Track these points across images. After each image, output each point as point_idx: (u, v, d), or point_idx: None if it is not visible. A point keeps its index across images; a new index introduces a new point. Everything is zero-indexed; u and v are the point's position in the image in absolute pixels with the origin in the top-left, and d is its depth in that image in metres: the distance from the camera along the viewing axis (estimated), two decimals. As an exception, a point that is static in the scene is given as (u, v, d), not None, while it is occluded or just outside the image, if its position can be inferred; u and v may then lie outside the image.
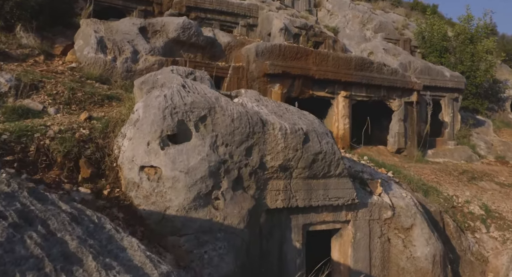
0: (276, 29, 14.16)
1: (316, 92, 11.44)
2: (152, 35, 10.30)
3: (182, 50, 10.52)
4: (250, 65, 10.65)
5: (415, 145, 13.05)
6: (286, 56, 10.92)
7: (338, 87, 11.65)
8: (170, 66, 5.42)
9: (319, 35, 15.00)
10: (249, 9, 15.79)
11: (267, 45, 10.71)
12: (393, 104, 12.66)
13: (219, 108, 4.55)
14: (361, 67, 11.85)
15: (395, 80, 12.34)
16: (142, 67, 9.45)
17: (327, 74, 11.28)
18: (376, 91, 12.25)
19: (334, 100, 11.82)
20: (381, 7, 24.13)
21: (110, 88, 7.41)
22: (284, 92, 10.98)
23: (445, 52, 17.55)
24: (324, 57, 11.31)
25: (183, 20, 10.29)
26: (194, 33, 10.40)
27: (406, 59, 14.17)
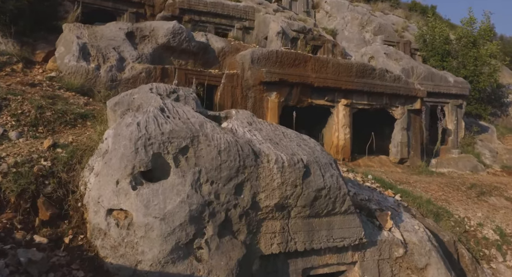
0: (273, 33, 13.35)
1: (315, 100, 10.65)
2: (140, 41, 9.49)
3: (172, 57, 9.71)
4: (245, 72, 9.85)
5: (418, 154, 12.28)
6: (284, 63, 10.13)
7: (338, 95, 10.87)
8: (149, 84, 4.61)
9: (317, 38, 14.20)
10: (245, 12, 14.97)
11: (263, 52, 9.90)
12: (395, 112, 11.88)
13: (204, 138, 3.76)
14: (362, 74, 11.06)
15: (398, 87, 11.56)
16: (128, 75, 8.63)
17: (327, 82, 10.48)
18: (378, 98, 11.46)
19: (334, 108, 11.03)
20: (380, 9, 23.33)
21: (88, 103, 6.59)
22: (281, 101, 10.19)
23: (447, 56, 16.78)
24: (324, 63, 10.52)
25: (173, 25, 9.47)
26: (185, 39, 9.59)
27: (408, 64, 13.39)
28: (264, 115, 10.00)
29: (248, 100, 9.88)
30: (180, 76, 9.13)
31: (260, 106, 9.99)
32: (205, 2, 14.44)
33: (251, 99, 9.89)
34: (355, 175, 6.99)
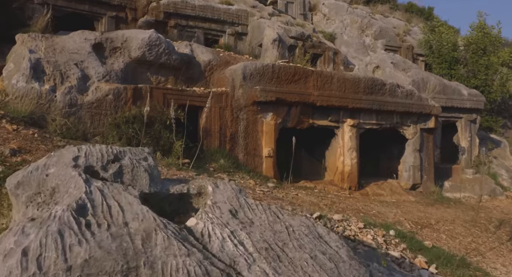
0: (268, 40, 11.61)
1: (317, 121, 8.93)
2: (110, 54, 7.70)
3: (149, 73, 7.93)
4: (236, 90, 8.09)
5: (432, 179, 10.60)
6: (281, 79, 8.38)
7: (344, 114, 9.14)
8: (75, 149, 2.84)
9: (317, 46, 12.47)
10: (237, 16, 13.20)
11: (257, 66, 8.15)
12: (407, 132, 10.18)
13: (147, 270, 2.02)
14: (371, 89, 9.34)
15: (411, 104, 9.85)
16: (92, 98, 6.85)
17: (331, 100, 8.76)
18: (388, 117, 9.75)
19: (338, 129, 9.31)
20: (380, 11, 21.57)
21: (21, 149, 4.81)
22: (278, 123, 8.46)
23: (455, 64, 15.09)
24: (328, 79, 8.78)
25: (150, 35, 7.68)
26: (164, 51, 7.81)
27: (418, 75, 11.70)
28: (259, 140, 8.27)
29: (239, 123, 8.14)
30: (157, 97, 7.36)
31: (253, 129, 8.25)
32: (193, 5, 12.65)
33: (243, 121, 8.15)
34: (375, 233, 5.32)
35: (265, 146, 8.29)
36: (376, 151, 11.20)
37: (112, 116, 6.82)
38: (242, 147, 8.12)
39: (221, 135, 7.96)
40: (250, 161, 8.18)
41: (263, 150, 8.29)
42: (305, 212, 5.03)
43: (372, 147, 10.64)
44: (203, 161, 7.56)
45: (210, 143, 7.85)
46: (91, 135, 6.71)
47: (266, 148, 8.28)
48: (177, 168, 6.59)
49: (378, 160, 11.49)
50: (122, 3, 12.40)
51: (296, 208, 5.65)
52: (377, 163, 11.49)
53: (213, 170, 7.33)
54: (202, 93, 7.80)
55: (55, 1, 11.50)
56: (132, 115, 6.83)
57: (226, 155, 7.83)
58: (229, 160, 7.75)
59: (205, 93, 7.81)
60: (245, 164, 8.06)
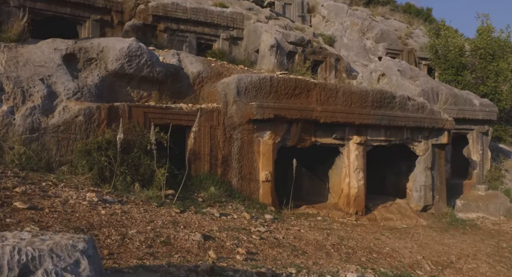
0: (265, 47, 10.49)
1: (320, 138, 7.83)
2: (84, 66, 6.56)
3: (129, 87, 6.80)
4: (229, 107, 6.98)
5: (444, 198, 9.53)
6: (280, 94, 7.27)
7: (349, 131, 8.05)
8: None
9: (318, 52, 11.36)
10: (232, 19, 12.07)
11: (253, 79, 7.03)
12: (417, 148, 9.09)
13: None
14: (379, 103, 8.25)
15: (423, 118, 8.76)
16: (58, 121, 5.72)
17: (335, 116, 7.66)
18: (397, 133, 8.67)
19: (344, 147, 8.22)
20: (381, 13, 20.47)
21: None
22: (276, 142, 7.36)
23: (462, 69, 14.02)
24: (332, 92, 7.68)
25: (129, 45, 6.54)
26: (146, 63, 6.68)
27: (427, 84, 10.62)
28: (255, 162, 7.17)
29: (233, 144, 7.03)
30: (136, 117, 6.23)
31: (249, 150, 7.14)
32: (184, 8, 11.51)
33: (237, 141, 7.04)
34: None
35: (262, 169, 7.19)
36: (382, 166, 10.12)
37: (82, 142, 5.70)
38: (236, 171, 7.02)
39: (212, 158, 6.85)
40: (245, 186, 7.07)
41: (259, 174, 7.18)
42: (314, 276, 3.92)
43: (377, 161, 9.56)
44: (191, 190, 6.45)
45: (199, 167, 6.74)
46: (57, 164, 5.59)
47: (263, 172, 7.17)
48: (158, 203, 5.48)
49: (384, 176, 10.41)
50: (108, 5, 11.26)
51: (301, 260, 4.54)
52: (383, 179, 10.41)
53: (202, 200, 6.22)
54: (190, 110, 6.67)
55: (33, 3, 10.36)
56: (106, 140, 5.71)
57: (217, 181, 6.72)
58: (221, 187, 6.65)
59: (194, 111, 6.68)
60: (239, 191, 6.96)
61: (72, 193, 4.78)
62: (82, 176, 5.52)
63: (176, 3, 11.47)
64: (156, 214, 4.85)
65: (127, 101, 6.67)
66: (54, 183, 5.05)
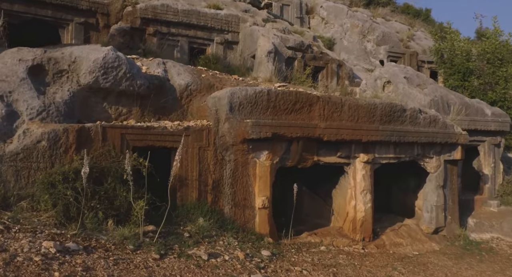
0: (262, 52, 9.52)
1: (323, 157, 6.89)
2: (54, 80, 5.59)
3: (106, 103, 5.83)
4: (221, 125, 6.02)
5: (457, 219, 8.62)
6: (279, 109, 6.32)
7: (356, 148, 7.11)
8: None
9: (319, 58, 10.40)
10: (227, 22, 11.09)
11: (248, 93, 6.07)
12: (429, 165, 8.16)
13: None
14: (389, 117, 7.31)
15: (435, 133, 7.83)
16: (17, 147, 4.76)
17: (341, 133, 6.71)
18: (408, 149, 7.74)
19: (349, 167, 7.28)
20: (382, 15, 19.54)
21: None
22: (274, 163, 6.41)
23: (469, 75, 13.09)
24: (337, 106, 6.73)
25: (105, 55, 5.56)
26: (125, 75, 5.71)
27: (436, 92, 9.69)
28: (250, 187, 6.22)
29: (225, 167, 6.07)
30: (112, 139, 5.27)
31: (243, 173, 6.19)
32: (175, 10, 10.52)
33: (230, 164, 6.08)
34: None
35: (258, 195, 6.24)
36: (387, 180, 9.16)
37: (45, 172, 4.74)
38: (228, 197, 6.07)
39: (201, 184, 5.89)
40: (239, 215, 6.13)
41: (255, 200, 6.24)
42: None
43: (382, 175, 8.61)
44: (176, 222, 5.50)
45: (186, 195, 5.78)
46: (15, 199, 4.62)
47: (259, 197, 6.23)
48: (135, 245, 4.53)
49: (390, 192, 9.49)
50: (92, 7, 10.27)
51: None
52: (389, 194, 9.48)
53: (188, 236, 5.27)
54: (176, 130, 5.71)
55: (10, 5, 9.36)
56: (73, 169, 4.75)
57: (207, 210, 5.77)
58: (212, 218, 5.70)
59: (180, 130, 5.72)
60: (232, 220, 6.01)
61: (25, 242, 3.82)
62: (45, 213, 4.57)
63: (166, 4, 10.48)
64: (128, 267, 3.89)
65: (104, 119, 5.70)
66: (7, 227, 4.09)
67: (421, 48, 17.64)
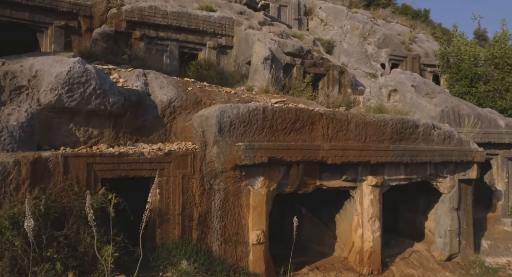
0: (258, 59, 8.57)
1: (326, 181, 5.95)
2: (11, 98, 4.63)
3: (73, 125, 4.86)
4: (208, 149, 5.07)
5: (471, 243, 7.71)
6: (276, 129, 5.38)
7: (363, 170, 6.18)
8: None
9: (319, 64, 9.45)
10: (220, 25, 10.12)
11: (240, 112, 5.12)
12: (442, 185, 7.25)
13: None
14: (400, 135, 6.38)
15: (450, 151, 6.91)
16: (-47, 185, 3.79)
17: (347, 155, 5.77)
18: (420, 169, 6.81)
19: (355, 190, 6.35)
20: (382, 16, 18.61)
21: None
22: (271, 190, 5.47)
23: (477, 81, 12.18)
24: (342, 124, 5.79)
25: (69, 69, 4.59)
26: (95, 92, 4.75)
27: (447, 103, 8.77)
28: (243, 219, 5.28)
29: (213, 197, 5.12)
30: (76, 171, 4.31)
31: (235, 204, 5.25)
32: (164, 12, 9.55)
33: (219, 194, 5.14)
34: None
35: (252, 228, 5.30)
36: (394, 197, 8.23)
37: (-11, 215, 3.78)
38: (217, 232, 5.12)
39: (185, 219, 4.95)
40: (230, 253, 5.19)
41: (249, 234, 5.30)
42: None
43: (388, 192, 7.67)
44: (154, 268, 4.56)
45: (167, 233, 4.83)
46: (-51, 250, 3.67)
47: (254, 231, 5.29)
48: (99, 307, 3.59)
49: (397, 211, 8.57)
50: (74, 9, 9.29)
51: None
52: (395, 213, 8.56)
53: (168, 285, 4.34)
54: (155, 156, 4.76)
55: (-19, 7, 8.40)
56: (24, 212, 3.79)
57: (192, 250, 4.82)
58: (197, 259, 4.75)
59: (160, 156, 4.77)
60: (222, 259, 5.07)
61: None
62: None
63: (154, 6, 9.51)
64: None
65: (70, 143, 4.75)
66: None
67: (423, 51, 16.74)
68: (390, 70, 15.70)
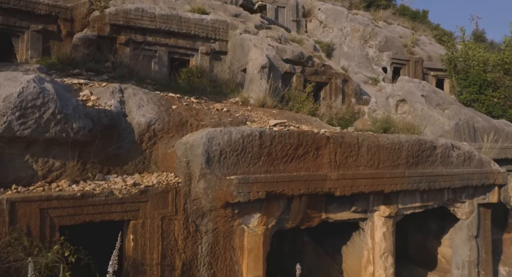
0: (254, 67, 7.64)
1: (333, 214, 5.05)
2: (-52, 122, 3.67)
3: (29, 155, 3.91)
4: (194, 183, 4.14)
5: (490, 273, 6.82)
6: (276, 156, 4.45)
7: (375, 199, 5.28)
8: None
9: (321, 72, 8.54)
10: (213, 29, 9.17)
11: (233, 138, 4.19)
12: (460, 210, 6.36)
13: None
14: (416, 159, 5.48)
15: (470, 174, 6.01)
16: None
17: (357, 184, 4.86)
18: (437, 195, 5.91)
19: (366, 222, 5.45)
20: (383, 18, 17.69)
21: None
22: (269, 227, 4.55)
23: (486, 87, 11.30)
24: (352, 149, 4.87)
25: (22, 89, 3.64)
26: (54, 117, 3.80)
27: (460, 115, 7.88)
28: (237, 264, 4.36)
29: (200, 240, 4.20)
30: (27, 218, 3.37)
31: (226, 247, 4.32)
32: (152, 15, 8.59)
33: (207, 236, 4.21)
34: None
35: (247, 275, 4.39)
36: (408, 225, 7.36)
37: None
38: (205, 282, 4.21)
39: (165, 269, 4.02)
40: (220, 306, 4.27)
41: (243, 282, 4.39)
42: None
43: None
44: None
45: (143, 288, 3.91)
46: None
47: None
48: None
49: (407, 233, 7.69)
50: (53, 12, 8.33)
51: None
52: (404, 235, 7.68)
53: None
54: (128, 194, 3.83)
55: None
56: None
57: (174, 307, 3.91)
58: (180, 319, 3.84)
59: (134, 195, 3.84)
60: (211, 315, 4.16)
61: None
62: None
63: (141, 8, 8.55)
64: None
65: (26, 178, 3.81)
66: None
67: (426, 54, 15.84)
68: (392, 74, 14.83)
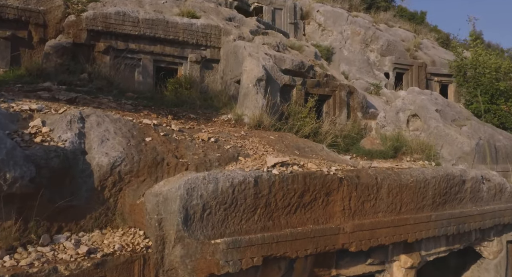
0: (249, 80, 6.57)
1: (345, 269, 4.01)
2: None
3: None
4: (168, 249, 3.09)
5: (519, 318, 5.85)
6: (275, 207, 3.41)
7: (395, 248, 4.25)
8: None
9: (324, 83, 7.48)
10: (204, 35, 8.09)
11: (219, 188, 3.13)
12: (487, 249, 5.36)
13: None
14: (444, 196, 4.45)
15: (502, 211, 5.00)
16: None
17: (376, 236, 3.82)
18: (464, 237, 4.90)
19: (383, 274, 4.42)
20: (384, 20, 16.64)
21: None
22: (267, 292, 3.51)
23: (498, 97, 10.30)
24: (370, 192, 3.83)
25: None
26: (-26, 168, 2.74)
27: (479, 132, 6.86)
28: None
29: (179, 318, 3.14)
30: None
31: (213, 323, 3.26)
32: (135, 19, 7.50)
33: (188, 312, 3.15)
34: None
35: None
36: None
37: None
38: None
39: None
40: None
41: None
42: None
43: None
44: None
45: None
46: None
47: None
48: None
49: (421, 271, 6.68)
50: (23, 16, 7.23)
51: None
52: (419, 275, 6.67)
53: None
54: (78, 270, 2.76)
55: None
56: None
57: None
58: None
59: (86, 270, 2.78)
60: None
61: None
62: None
63: (123, 12, 7.45)
64: None
65: None
66: None
67: (429, 59, 14.83)
68: (395, 80, 13.82)
